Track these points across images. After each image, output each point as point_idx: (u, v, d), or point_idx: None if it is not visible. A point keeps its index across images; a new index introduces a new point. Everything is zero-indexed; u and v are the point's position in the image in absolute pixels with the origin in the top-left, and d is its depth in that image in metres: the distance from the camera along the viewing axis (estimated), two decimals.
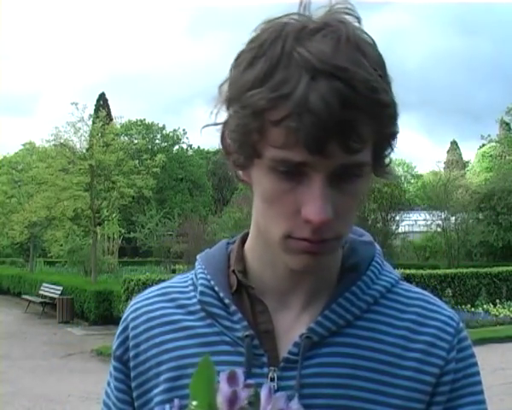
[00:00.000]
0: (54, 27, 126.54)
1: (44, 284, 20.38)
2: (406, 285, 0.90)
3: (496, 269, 18.38)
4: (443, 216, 29.05)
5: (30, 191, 25.07)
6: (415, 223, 35.43)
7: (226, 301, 0.85)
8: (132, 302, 0.92)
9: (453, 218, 29.05)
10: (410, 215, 32.57)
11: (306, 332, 0.81)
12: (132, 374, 0.88)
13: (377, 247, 0.92)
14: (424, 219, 32.20)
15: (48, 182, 20.77)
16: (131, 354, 0.88)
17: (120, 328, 0.91)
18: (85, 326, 16.83)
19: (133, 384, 0.88)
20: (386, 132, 0.74)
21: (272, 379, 0.80)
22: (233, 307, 0.84)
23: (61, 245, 25.31)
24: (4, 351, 12.64)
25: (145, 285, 13.24)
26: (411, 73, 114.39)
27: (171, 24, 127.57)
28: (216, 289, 0.86)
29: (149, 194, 22.38)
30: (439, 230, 29.79)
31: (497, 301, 17.16)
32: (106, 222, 23.66)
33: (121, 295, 14.00)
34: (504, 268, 18.63)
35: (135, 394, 0.88)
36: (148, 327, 0.88)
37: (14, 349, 13.21)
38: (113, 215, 23.88)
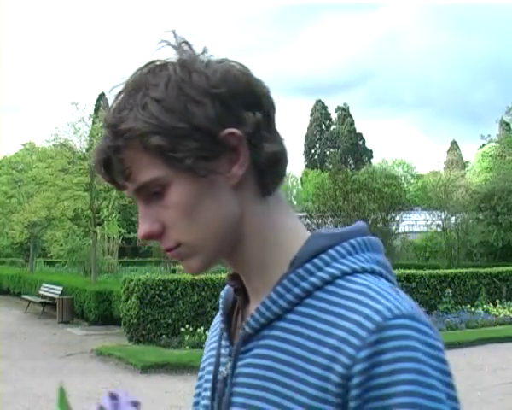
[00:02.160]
0: (54, 27, 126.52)
1: (44, 284, 20.39)
2: (356, 278, 0.84)
3: (496, 269, 18.38)
4: (443, 216, 29.04)
5: (30, 191, 25.05)
6: (415, 223, 35.42)
7: (222, 297, 0.99)
8: None
9: (453, 218, 29.04)
10: (410, 215, 32.54)
11: (243, 324, 0.89)
12: None
13: (353, 238, 0.88)
14: (424, 219, 32.20)
15: (48, 182, 20.76)
16: None
17: None
18: (85, 326, 16.83)
19: None
20: (156, 149, 0.83)
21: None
22: (220, 305, 0.98)
23: (61, 245, 25.31)
24: (4, 351, 12.64)
25: (145, 285, 13.26)
26: (411, 72, 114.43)
27: (170, 23, 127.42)
28: (226, 286, 0.99)
29: None
30: (439, 230, 29.78)
31: (497, 301, 17.16)
32: (106, 222, 23.65)
33: (121, 295, 13.97)
34: (504, 268, 18.64)
35: None
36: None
37: (14, 349, 13.21)
38: (113, 215, 23.86)
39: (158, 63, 0.87)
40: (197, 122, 0.83)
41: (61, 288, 18.80)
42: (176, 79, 0.84)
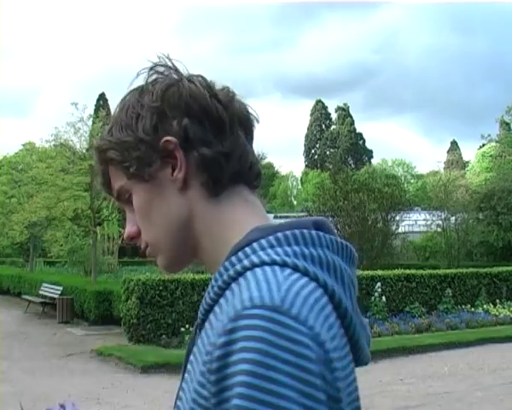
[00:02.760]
0: (53, 27, 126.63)
1: (44, 284, 20.37)
2: (259, 269, 0.84)
3: (496, 269, 18.39)
4: (443, 216, 29.03)
5: (30, 191, 25.00)
6: (415, 223, 35.39)
7: None
8: None
9: (453, 218, 29.02)
10: (410, 215, 32.51)
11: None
12: None
13: (281, 232, 0.88)
14: (424, 219, 32.17)
15: (48, 182, 20.73)
16: None
17: None
18: (85, 326, 16.82)
19: None
20: (113, 161, 0.98)
21: None
22: None
23: (61, 245, 25.28)
24: (4, 351, 12.64)
25: (145, 285, 13.25)
26: (411, 72, 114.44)
27: (170, 23, 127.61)
28: None
29: None
30: (439, 230, 29.76)
31: (497, 301, 17.17)
32: (106, 222, 23.64)
33: (121, 295, 13.96)
34: (504, 268, 18.65)
35: None
36: None
37: (14, 350, 13.20)
38: (113, 215, 23.83)
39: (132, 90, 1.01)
40: (140, 134, 0.95)
41: (60, 288, 18.78)
42: (132, 101, 0.98)
